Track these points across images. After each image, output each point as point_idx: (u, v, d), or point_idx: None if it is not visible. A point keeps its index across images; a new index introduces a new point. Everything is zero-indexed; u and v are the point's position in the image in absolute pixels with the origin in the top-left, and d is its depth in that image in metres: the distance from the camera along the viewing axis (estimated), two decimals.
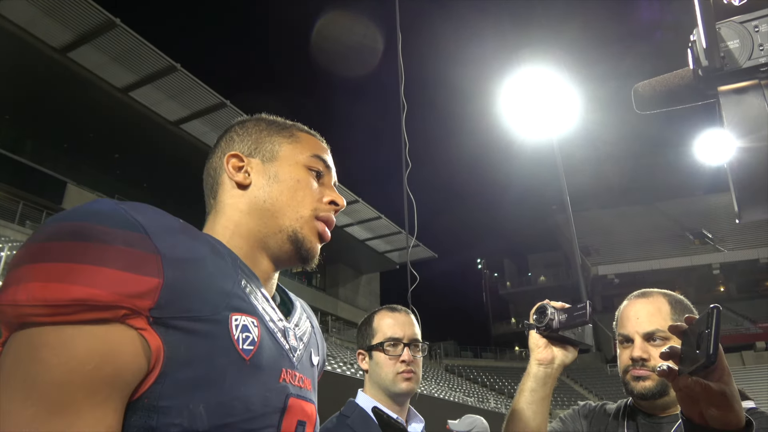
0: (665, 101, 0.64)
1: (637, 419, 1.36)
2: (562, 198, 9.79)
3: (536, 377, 1.30)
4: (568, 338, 1.31)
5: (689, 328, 0.89)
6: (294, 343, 0.87)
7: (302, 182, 0.91)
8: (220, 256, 0.77)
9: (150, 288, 0.64)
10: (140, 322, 0.64)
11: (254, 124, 0.96)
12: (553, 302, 1.31)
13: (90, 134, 20.39)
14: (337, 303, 31.67)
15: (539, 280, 51.51)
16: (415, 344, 1.67)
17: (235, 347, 0.71)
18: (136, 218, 0.68)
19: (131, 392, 0.64)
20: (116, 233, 0.65)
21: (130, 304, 0.62)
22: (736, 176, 0.51)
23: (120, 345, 0.62)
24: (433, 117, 66.39)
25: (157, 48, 15.95)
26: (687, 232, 40.88)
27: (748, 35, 0.53)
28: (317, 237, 0.92)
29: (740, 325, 36.42)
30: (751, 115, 0.52)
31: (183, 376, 0.65)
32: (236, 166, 0.91)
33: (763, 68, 0.52)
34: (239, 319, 0.73)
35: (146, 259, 0.65)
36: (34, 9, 14.25)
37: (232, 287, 0.75)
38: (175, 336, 0.66)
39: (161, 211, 0.74)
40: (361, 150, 66.95)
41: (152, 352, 0.64)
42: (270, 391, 0.76)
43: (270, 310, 0.83)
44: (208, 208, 0.94)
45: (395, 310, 1.74)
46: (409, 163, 3.31)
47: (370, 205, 24.28)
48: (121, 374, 0.62)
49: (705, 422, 0.87)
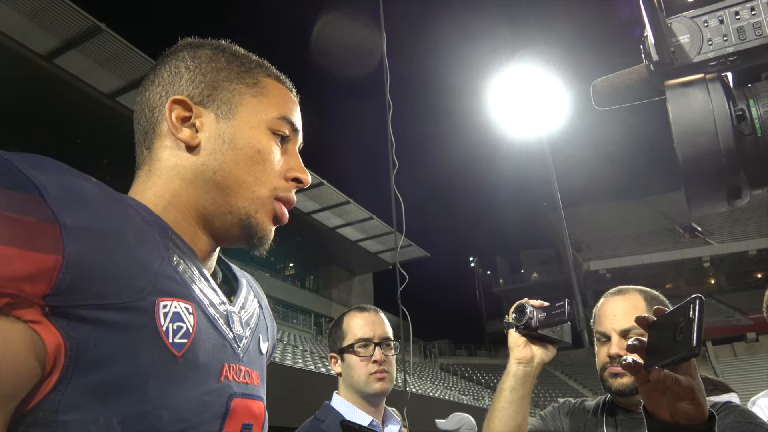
0: (623, 97, 0.65)
1: (616, 415, 1.38)
2: (553, 195, 9.83)
3: (516, 376, 1.30)
4: (548, 336, 1.31)
5: (659, 320, 0.88)
6: (239, 331, 0.71)
7: (263, 152, 0.73)
8: (146, 226, 0.62)
9: (44, 268, 0.49)
10: (31, 313, 0.49)
11: (210, 56, 0.76)
12: (533, 300, 1.32)
13: (78, 140, 20.24)
14: (330, 304, 31.59)
15: (532, 276, 51.67)
16: (386, 343, 1.65)
17: (164, 341, 0.57)
18: (29, 174, 0.51)
19: (17, 404, 0.49)
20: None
21: (14, 289, 0.47)
22: (683, 171, 0.53)
23: (1, 344, 0.47)
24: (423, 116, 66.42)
25: (144, 52, 15.87)
26: (677, 225, 41.17)
27: (698, 30, 0.54)
28: (272, 220, 0.75)
29: (731, 317, 36.78)
30: (694, 109, 0.53)
31: (92, 381, 0.51)
32: (181, 116, 0.72)
33: (711, 63, 0.54)
34: (169, 306, 0.59)
35: (39, 230, 0.49)
36: (19, 16, 14.14)
37: (160, 265, 0.60)
38: (81, 329, 0.51)
39: (67, 167, 0.57)
40: (351, 151, 66.86)
41: (48, 351, 0.49)
42: (208, 393, 0.62)
43: (210, 293, 0.68)
44: (138, 160, 0.77)
45: (364, 309, 1.72)
46: (396, 163, 3.31)
47: (362, 206, 24.25)
48: (3, 382, 0.47)
49: (669, 417, 0.86)
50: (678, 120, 0.53)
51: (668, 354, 0.81)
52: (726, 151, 0.52)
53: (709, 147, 0.52)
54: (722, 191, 0.54)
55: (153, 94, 0.75)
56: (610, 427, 1.36)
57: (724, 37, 0.54)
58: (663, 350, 0.83)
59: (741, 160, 0.52)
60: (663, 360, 0.81)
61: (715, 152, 0.52)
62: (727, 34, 0.54)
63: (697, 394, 0.83)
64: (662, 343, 0.83)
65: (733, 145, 0.52)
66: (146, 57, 16.00)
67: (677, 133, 0.52)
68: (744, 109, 0.53)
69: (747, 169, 0.53)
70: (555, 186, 9.83)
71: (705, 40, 0.54)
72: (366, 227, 26.15)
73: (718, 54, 0.54)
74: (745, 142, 0.52)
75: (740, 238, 37.66)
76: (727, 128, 0.52)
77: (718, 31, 0.55)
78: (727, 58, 0.54)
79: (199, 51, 0.76)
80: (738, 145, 0.52)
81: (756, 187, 0.54)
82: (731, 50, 0.54)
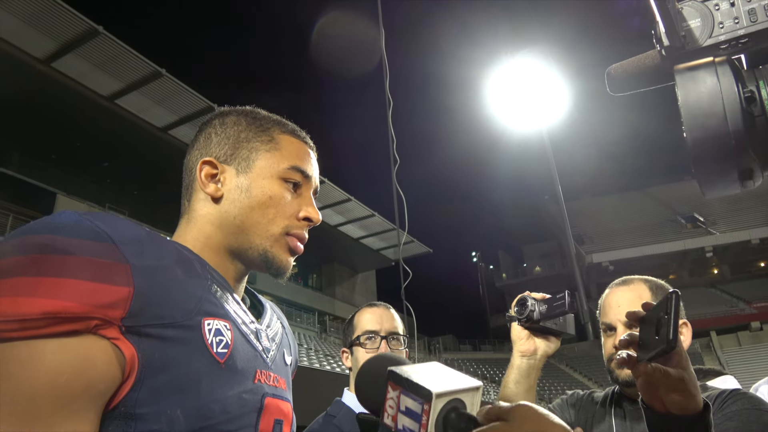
0: (637, 83, 0.65)
1: (624, 406, 1.37)
2: (554, 188, 9.80)
3: (519, 369, 1.31)
4: (550, 328, 1.32)
5: (648, 315, 0.89)
6: (267, 344, 0.87)
7: (275, 198, 0.88)
8: (189, 263, 0.78)
9: (121, 297, 0.64)
10: (112, 332, 0.64)
11: (234, 121, 0.93)
12: (534, 293, 1.32)
13: (77, 143, 20.24)
14: (334, 302, 31.64)
15: (535, 270, 51.66)
16: (394, 337, 1.67)
17: (209, 351, 0.72)
18: (103, 228, 0.68)
19: (106, 402, 0.64)
20: (83, 244, 0.65)
21: (101, 314, 0.62)
22: (692, 154, 0.52)
23: (92, 356, 0.62)
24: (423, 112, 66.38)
25: (142, 54, 15.84)
26: (679, 216, 41.12)
27: (709, 14, 0.53)
28: (288, 252, 0.90)
29: (735, 306, 36.75)
30: (703, 92, 0.52)
31: (159, 383, 0.66)
32: (209, 174, 0.89)
33: (722, 46, 0.53)
34: (212, 324, 0.74)
35: (115, 269, 0.65)
36: (17, 20, 14.12)
37: (202, 292, 0.76)
38: (148, 343, 0.66)
39: (127, 221, 0.74)
40: (352, 148, 66.85)
41: (126, 360, 0.64)
42: (246, 392, 0.77)
43: (241, 313, 0.83)
44: (182, 208, 0.92)
45: (374, 305, 1.76)
46: (397, 159, 3.30)
47: (363, 204, 24.25)
48: (94, 385, 0.62)
49: (665, 408, 0.88)
50: (687, 103, 0.52)
51: (652, 348, 0.83)
52: (734, 133, 0.51)
53: (718, 129, 0.52)
54: (733, 173, 0.54)
55: (191, 158, 0.92)
56: (618, 417, 1.36)
57: (735, 19, 0.54)
58: (649, 344, 0.85)
59: (751, 141, 0.52)
60: (648, 354, 0.84)
61: (723, 134, 0.52)
62: (738, 16, 0.54)
63: (688, 386, 0.85)
64: (648, 337, 0.86)
65: (741, 127, 0.51)
66: (144, 59, 15.98)
67: (686, 117, 0.52)
68: (753, 90, 0.53)
69: (757, 150, 0.53)
70: (556, 179, 9.80)
71: (716, 24, 0.54)
72: (367, 224, 26.17)
73: (729, 37, 0.54)
74: (755, 124, 0.52)
75: (743, 228, 37.61)
76: (736, 110, 0.52)
77: (729, 14, 0.54)
78: (738, 41, 0.54)
79: (226, 118, 0.94)
80: (747, 126, 0.52)
81: (767, 168, 0.54)
82: (742, 32, 0.53)
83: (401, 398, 0.57)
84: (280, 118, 0.97)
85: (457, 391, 0.56)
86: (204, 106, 17.76)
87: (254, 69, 79.09)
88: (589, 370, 34.32)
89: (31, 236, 0.64)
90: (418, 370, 0.59)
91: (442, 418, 0.54)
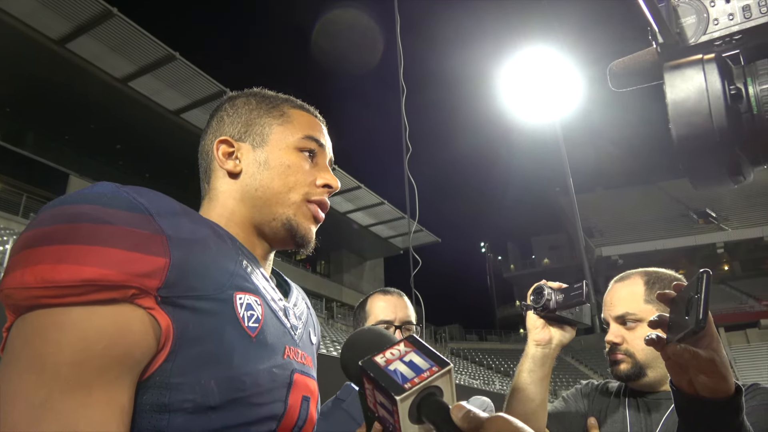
0: (638, 79, 0.65)
1: (638, 397, 1.37)
2: (565, 180, 9.72)
3: (534, 358, 1.30)
4: (566, 318, 1.31)
5: (678, 296, 0.87)
6: (294, 322, 0.88)
7: (293, 167, 0.90)
8: (221, 238, 0.78)
9: (157, 267, 0.64)
10: (149, 302, 0.64)
11: (244, 102, 0.95)
12: (551, 282, 1.31)
13: (91, 125, 20.39)
14: (341, 289, 31.78)
15: (543, 262, 51.51)
16: (406, 327, 1.66)
17: (241, 324, 0.72)
18: (140, 200, 0.69)
19: (141, 371, 0.64)
20: (120, 215, 0.65)
21: (138, 283, 0.63)
22: (677, 150, 0.53)
23: (129, 324, 0.63)
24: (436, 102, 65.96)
25: (156, 37, 15.86)
26: (691, 211, 40.71)
27: (704, 10, 0.54)
28: (311, 221, 0.92)
29: (744, 303, 36.43)
30: (690, 90, 0.53)
31: (193, 353, 0.66)
32: (226, 152, 0.90)
33: (717, 42, 0.54)
34: (243, 298, 0.74)
35: (152, 240, 0.66)
36: (32, 1, 14.17)
37: (234, 267, 0.76)
38: (183, 314, 0.66)
39: (162, 194, 0.75)
40: (362, 136, 66.67)
41: (162, 330, 0.65)
42: (277, 366, 0.78)
43: (270, 290, 0.84)
44: (203, 191, 0.94)
45: (388, 292, 1.74)
46: (409, 147, 3.30)
47: (373, 191, 24.24)
48: (131, 353, 0.62)
49: (694, 391, 0.85)
50: (674, 100, 0.53)
51: (681, 328, 0.81)
52: (719, 130, 0.52)
53: (704, 126, 0.52)
54: (720, 168, 0.54)
55: (206, 142, 0.94)
56: (632, 408, 1.36)
57: (729, 16, 0.54)
58: (678, 325, 0.83)
59: (737, 137, 0.53)
60: (677, 335, 0.82)
61: (708, 131, 0.52)
62: (733, 12, 0.54)
63: (719, 368, 0.82)
64: (678, 318, 0.84)
65: (725, 124, 0.52)
66: (158, 41, 16.00)
67: (672, 114, 0.53)
68: (740, 87, 0.53)
69: (744, 146, 0.53)
70: (567, 171, 9.73)
71: (711, 20, 0.54)
72: (377, 212, 26.17)
73: (724, 33, 0.54)
74: (741, 120, 0.53)
75: (755, 224, 37.15)
76: (721, 107, 0.52)
77: (724, 11, 0.55)
78: (732, 37, 0.54)
79: (236, 100, 0.96)
80: (732, 123, 0.52)
81: (756, 164, 0.55)
82: (736, 29, 0.54)
83: (375, 393, 0.57)
84: (287, 96, 0.99)
85: (425, 385, 0.55)
86: (216, 90, 17.78)
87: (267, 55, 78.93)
88: (594, 363, 34.26)
89: (69, 206, 0.65)
90: (388, 358, 0.58)
91: (416, 407, 0.54)
